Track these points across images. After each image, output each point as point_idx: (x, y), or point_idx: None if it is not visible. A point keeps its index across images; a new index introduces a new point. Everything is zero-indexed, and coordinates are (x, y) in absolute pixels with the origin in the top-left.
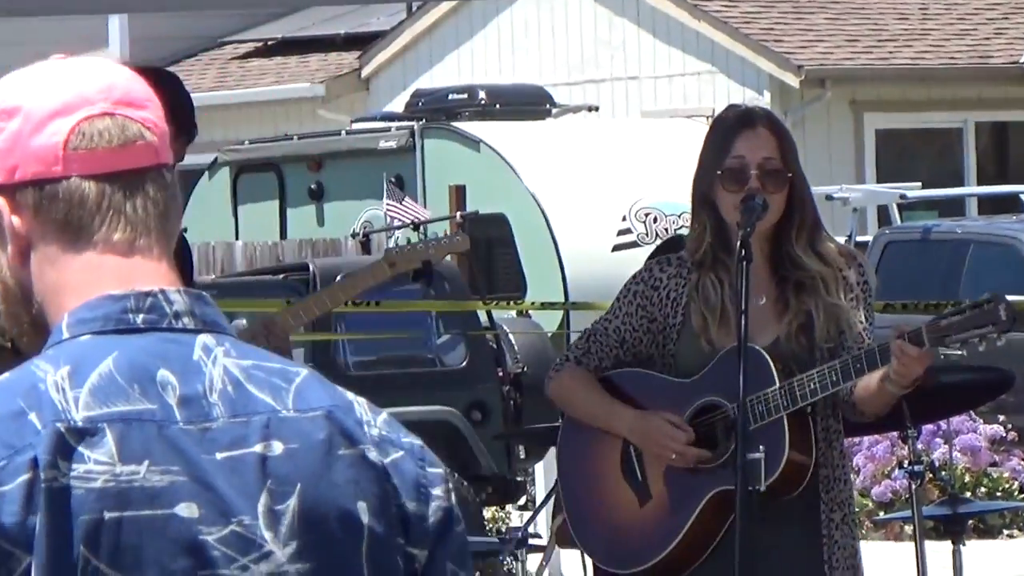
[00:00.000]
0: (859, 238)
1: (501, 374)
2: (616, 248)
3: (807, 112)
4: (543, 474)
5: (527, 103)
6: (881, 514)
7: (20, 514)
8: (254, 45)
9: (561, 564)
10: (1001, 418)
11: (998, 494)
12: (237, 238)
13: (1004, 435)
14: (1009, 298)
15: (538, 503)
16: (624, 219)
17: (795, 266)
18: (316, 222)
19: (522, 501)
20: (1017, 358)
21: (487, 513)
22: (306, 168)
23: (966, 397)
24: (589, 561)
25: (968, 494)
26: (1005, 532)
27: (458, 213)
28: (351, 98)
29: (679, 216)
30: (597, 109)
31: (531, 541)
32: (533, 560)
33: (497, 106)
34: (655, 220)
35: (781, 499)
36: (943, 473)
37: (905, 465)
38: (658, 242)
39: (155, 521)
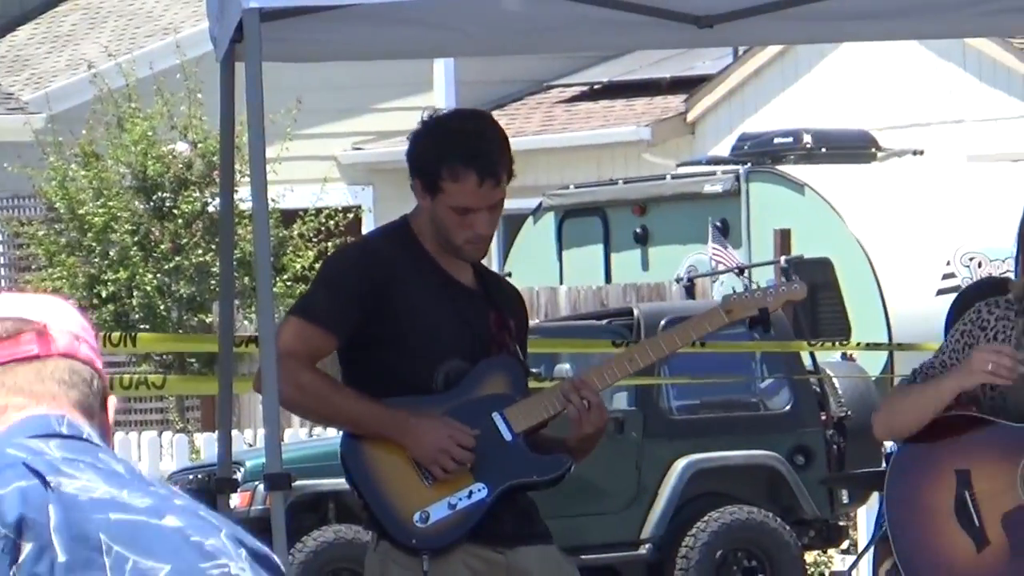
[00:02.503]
0: None
1: (824, 418)
2: (940, 292)
3: None
4: (866, 518)
5: (852, 147)
6: None
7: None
8: (580, 89)
9: None
10: None
11: None
12: (562, 282)
13: None
14: None
15: (860, 547)
16: (948, 263)
17: None
18: (640, 266)
19: (844, 545)
20: None
21: (809, 557)
22: (631, 212)
23: None
24: None
25: None
26: None
27: (782, 257)
28: (677, 142)
29: (1004, 261)
30: (922, 153)
31: None
32: None
33: (823, 150)
34: (980, 265)
35: None
36: None
37: None
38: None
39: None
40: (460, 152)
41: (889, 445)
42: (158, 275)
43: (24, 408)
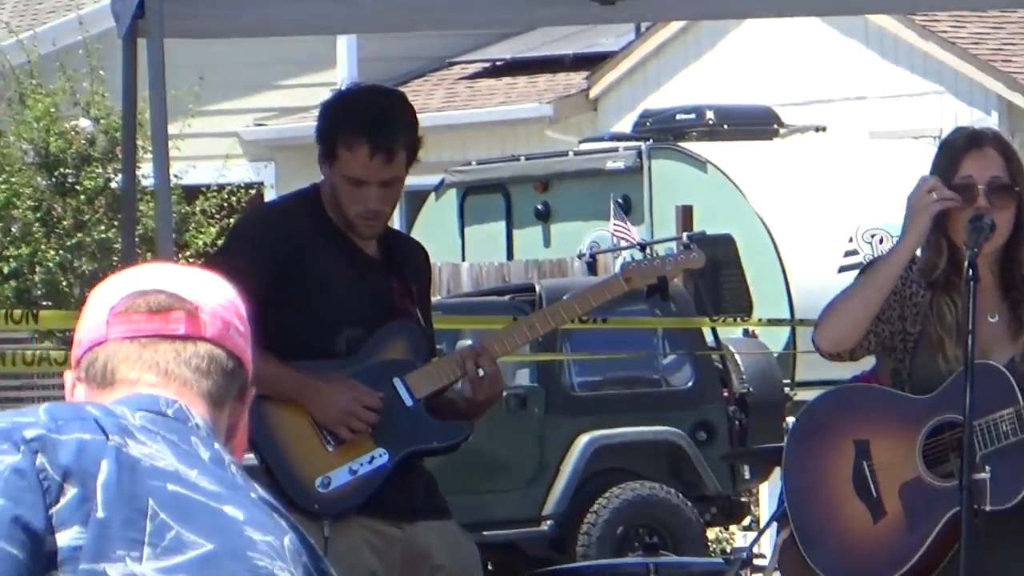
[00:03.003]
0: None
1: (727, 394)
2: (843, 269)
3: None
4: (768, 494)
5: (755, 123)
6: None
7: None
8: (482, 65)
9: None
10: None
11: None
12: (464, 259)
13: None
14: None
15: (762, 523)
16: (851, 240)
17: None
18: (543, 243)
19: (746, 521)
20: None
21: (711, 533)
22: (533, 189)
23: None
24: None
25: None
26: None
27: (684, 234)
28: (579, 119)
29: None
30: (825, 129)
31: (756, 562)
32: None
33: (725, 126)
34: (882, 241)
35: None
36: None
37: None
38: None
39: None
40: (358, 122)
41: (791, 420)
42: (60, 251)
43: (154, 387)
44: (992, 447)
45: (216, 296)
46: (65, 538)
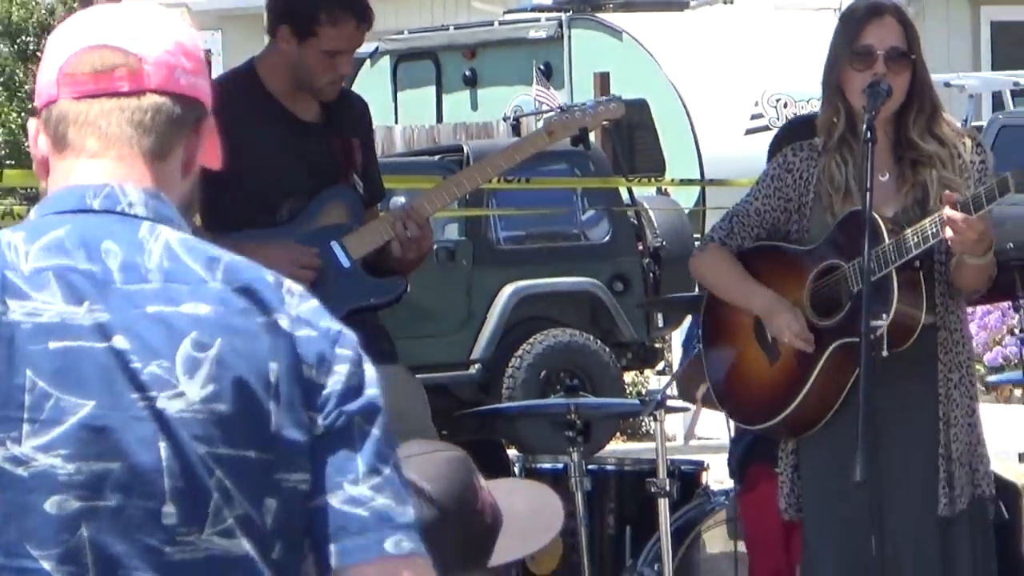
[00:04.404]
0: (975, 123)
1: (641, 248)
2: (749, 132)
3: (927, 2)
4: (680, 340)
5: None
6: (993, 378)
7: None
8: None
9: (697, 425)
10: None
11: None
12: (397, 122)
13: None
14: None
15: (675, 368)
16: (756, 104)
17: (913, 148)
18: (470, 107)
19: (660, 366)
20: None
21: (627, 377)
22: (461, 56)
23: None
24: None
25: None
26: None
27: (602, 98)
28: None
29: (807, 102)
30: (732, 2)
31: (668, 403)
32: (670, 420)
33: None
34: (785, 105)
35: (892, 352)
36: None
37: (1016, 332)
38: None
39: (95, 351)
40: None
41: None
42: (22, 114)
43: (94, 156)
44: (860, 285)
45: (161, 41)
46: None
